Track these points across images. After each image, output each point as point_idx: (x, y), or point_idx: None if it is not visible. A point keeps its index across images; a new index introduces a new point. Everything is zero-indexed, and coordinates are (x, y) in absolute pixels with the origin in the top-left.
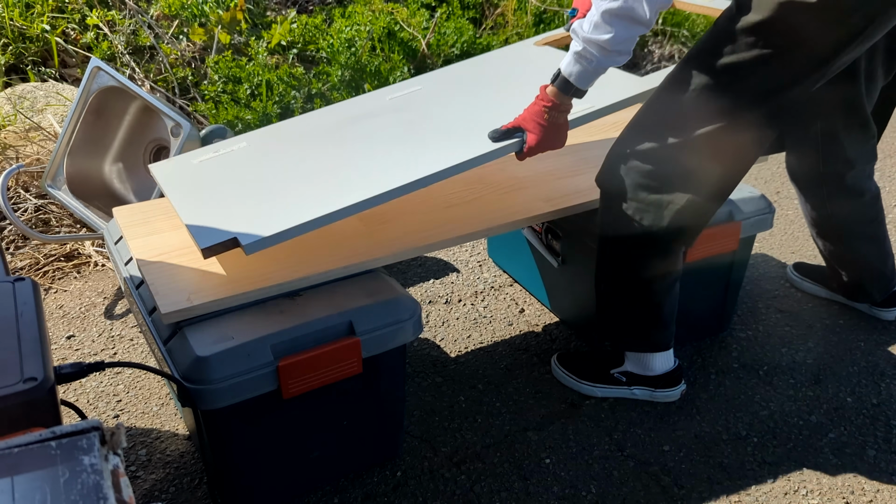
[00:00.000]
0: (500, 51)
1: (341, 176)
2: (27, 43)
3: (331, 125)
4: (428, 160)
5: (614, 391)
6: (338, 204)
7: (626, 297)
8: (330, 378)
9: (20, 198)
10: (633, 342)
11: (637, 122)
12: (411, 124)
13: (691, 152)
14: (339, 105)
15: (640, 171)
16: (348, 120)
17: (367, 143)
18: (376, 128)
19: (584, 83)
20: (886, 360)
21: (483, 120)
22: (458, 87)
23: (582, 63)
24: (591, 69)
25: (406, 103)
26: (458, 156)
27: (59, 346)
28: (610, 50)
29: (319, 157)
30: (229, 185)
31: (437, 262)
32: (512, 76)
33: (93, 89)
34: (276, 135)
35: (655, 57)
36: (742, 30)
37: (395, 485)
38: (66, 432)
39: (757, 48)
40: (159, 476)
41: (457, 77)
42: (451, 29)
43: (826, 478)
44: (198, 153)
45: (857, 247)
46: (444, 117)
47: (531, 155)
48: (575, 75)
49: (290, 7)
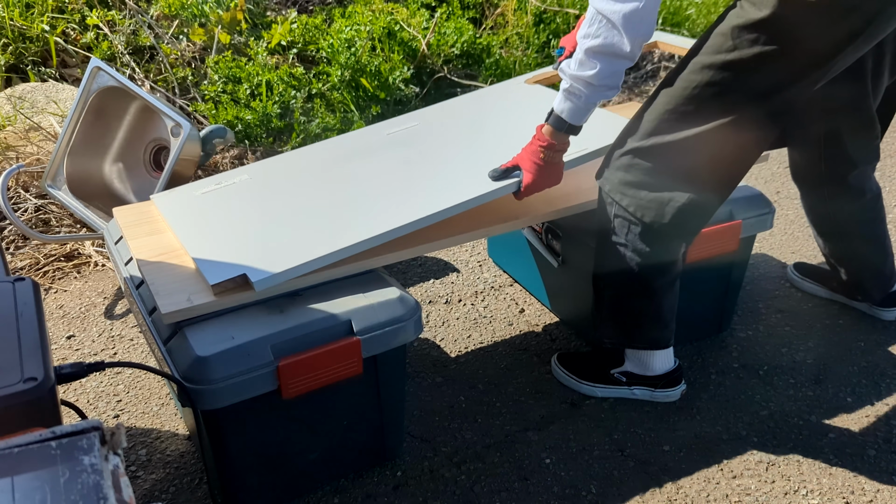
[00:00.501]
0: (493, 88)
1: (346, 213)
2: (27, 43)
3: (331, 160)
4: (430, 199)
5: (614, 391)
6: (345, 241)
7: (627, 295)
8: (330, 378)
9: (20, 198)
10: (632, 339)
11: (638, 119)
12: (410, 162)
13: (692, 149)
14: (337, 139)
15: (642, 168)
16: (348, 155)
17: (369, 180)
18: (376, 164)
19: (576, 119)
20: (886, 359)
21: (480, 158)
22: (454, 124)
23: (572, 100)
24: (582, 105)
25: (404, 139)
26: (461, 195)
27: (59, 346)
28: (597, 85)
29: (322, 193)
30: (234, 219)
31: (438, 262)
32: (506, 114)
33: (93, 89)
34: (277, 168)
35: (655, 57)
36: (744, 27)
37: (395, 485)
38: (66, 432)
39: (758, 45)
40: (159, 476)
41: (452, 113)
42: (451, 29)
43: (826, 478)
44: (199, 185)
45: (857, 246)
46: (443, 155)
47: (528, 194)
48: (567, 112)
49: (290, 7)
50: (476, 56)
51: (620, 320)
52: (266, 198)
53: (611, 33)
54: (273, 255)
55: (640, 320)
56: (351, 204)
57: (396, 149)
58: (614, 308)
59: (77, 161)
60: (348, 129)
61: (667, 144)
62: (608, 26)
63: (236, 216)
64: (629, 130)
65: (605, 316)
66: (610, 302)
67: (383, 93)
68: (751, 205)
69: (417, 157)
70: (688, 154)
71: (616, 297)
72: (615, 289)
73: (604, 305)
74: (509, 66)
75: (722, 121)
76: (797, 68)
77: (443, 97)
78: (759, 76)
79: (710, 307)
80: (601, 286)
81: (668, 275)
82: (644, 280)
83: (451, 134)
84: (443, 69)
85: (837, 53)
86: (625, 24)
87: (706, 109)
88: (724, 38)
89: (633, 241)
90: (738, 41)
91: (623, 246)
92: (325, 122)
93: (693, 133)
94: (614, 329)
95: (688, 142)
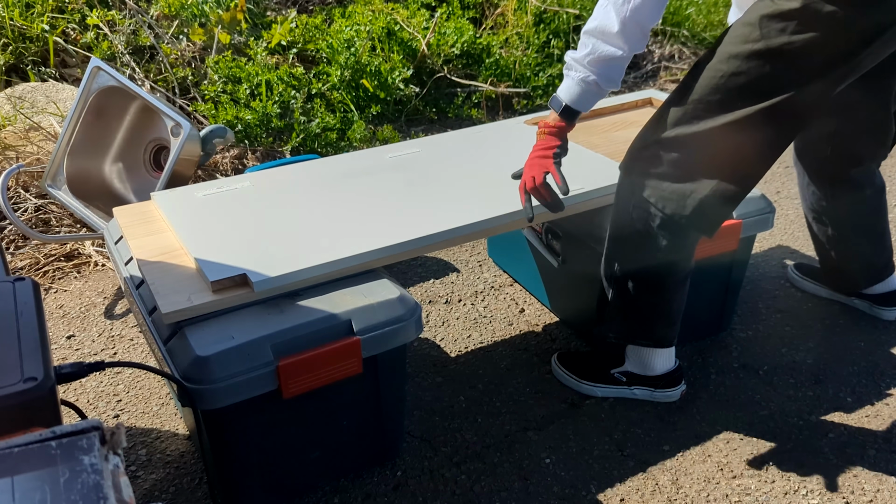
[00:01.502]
0: (493, 125)
1: (347, 225)
2: (27, 43)
3: (332, 176)
4: (431, 219)
5: (614, 391)
6: (345, 252)
7: (639, 290)
8: (330, 378)
9: (20, 198)
10: (638, 336)
11: (663, 111)
12: (413, 184)
13: (717, 141)
14: (338, 157)
15: (665, 159)
16: (349, 173)
17: (370, 197)
18: (377, 183)
19: (567, 96)
20: (886, 359)
21: (481, 185)
22: (456, 153)
23: (567, 74)
24: (573, 85)
25: (406, 163)
26: (461, 219)
27: (59, 345)
28: (585, 64)
29: (323, 206)
30: (234, 222)
31: (438, 262)
32: (506, 149)
33: (93, 89)
34: (278, 179)
35: (656, 57)
36: (773, 16)
37: (395, 485)
38: (66, 432)
39: (786, 35)
40: (159, 476)
41: (454, 143)
42: (452, 29)
43: (826, 477)
44: (201, 187)
45: (850, 235)
46: (444, 179)
47: (527, 178)
48: (562, 89)
49: (290, 7)
50: (476, 56)
51: (629, 316)
52: (267, 205)
53: (604, 13)
54: (273, 258)
55: (650, 317)
56: (352, 217)
57: (397, 171)
58: (624, 303)
59: (77, 161)
60: (348, 128)
61: (691, 135)
62: (604, 8)
63: (237, 219)
64: (654, 121)
65: (613, 311)
66: (620, 297)
67: (383, 93)
68: (751, 205)
69: (419, 179)
70: (712, 145)
71: (627, 292)
72: (627, 283)
73: (612, 300)
74: (509, 65)
75: (747, 111)
76: (824, 61)
77: (443, 97)
78: (787, 67)
79: (710, 307)
80: (612, 280)
81: (682, 272)
82: (658, 275)
83: (455, 162)
84: (443, 69)
85: (865, 48)
86: (615, 3)
87: (732, 100)
88: (751, 27)
89: (651, 234)
90: (766, 30)
91: (640, 239)
92: (325, 122)
93: (718, 124)
94: (621, 325)
95: (712, 133)
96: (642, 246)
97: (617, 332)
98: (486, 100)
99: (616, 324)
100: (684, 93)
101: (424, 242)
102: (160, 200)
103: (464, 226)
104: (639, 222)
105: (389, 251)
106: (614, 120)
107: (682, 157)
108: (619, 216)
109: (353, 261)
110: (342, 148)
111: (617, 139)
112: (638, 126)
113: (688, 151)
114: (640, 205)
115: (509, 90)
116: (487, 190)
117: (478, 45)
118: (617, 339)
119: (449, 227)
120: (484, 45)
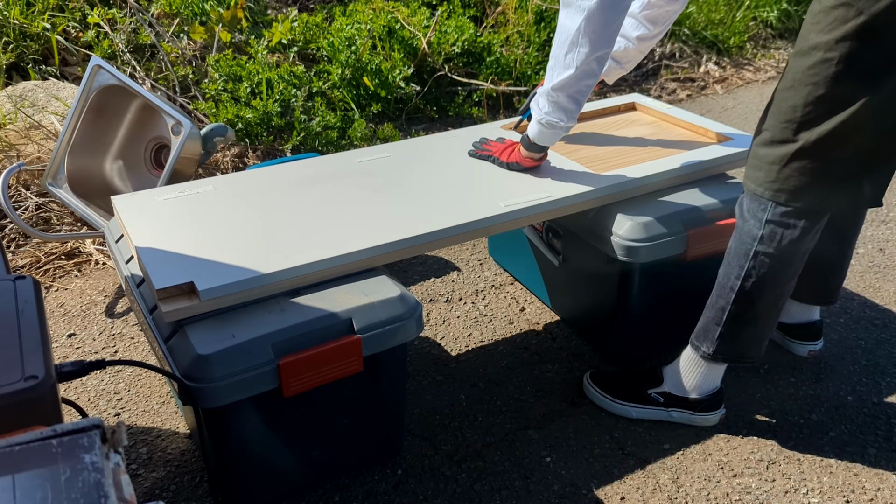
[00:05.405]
0: (470, 129)
1: (305, 232)
2: (28, 41)
3: (298, 181)
4: (396, 226)
5: (650, 412)
6: (298, 260)
7: (762, 307)
8: (331, 376)
9: (21, 196)
10: (743, 356)
11: (775, 122)
12: (377, 190)
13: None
14: (307, 161)
15: (800, 168)
16: (315, 178)
17: (334, 202)
18: (343, 188)
19: (553, 77)
20: (887, 358)
21: (449, 193)
22: (426, 159)
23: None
24: (559, 64)
25: (374, 169)
26: (428, 225)
27: (60, 344)
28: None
29: (284, 212)
30: (192, 228)
31: (438, 261)
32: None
33: (94, 87)
34: (243, 182)
35: (656, 56)
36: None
37: (395, 483)
38: (67, 430)
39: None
40: (160, 474)
41: (426, 149)
42: (452, 27)
43: (827, 476)
44: (163, 191)
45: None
46: (412, 186)
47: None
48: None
49: (290, 5)
50: (477, 54)
51: (744, 334)
52: (227, 211)
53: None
54: (224, 265)
55: (763, 333)
56: (311, 224)
57: (365, 177)
58: (742, 322)
59: (78, 159)
60: (349, 127)
61: (820, 139)
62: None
63: (194, 225)
64: (770, 136)
65: (727, 331)
66: (739, 316)
67: (384, 91)
68: None
69: (386, 185)
70: (840, 141)
71: (747, 311)
72: (751, 302)
73: (726, 320)
74: (510, 64)
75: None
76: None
77: (443, 95)
78: (866, 50)
79: None
80: (732, 301)
81: (789, 290)
82: (781, 289)
83: (424, 168)
84: (443, 67)
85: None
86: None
87: (837, 89)
88: (824, 14)
89: (782, 247)
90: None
91: (769, 256)
92: (325, 121)
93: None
94: (733, 344)
95: (838, 129)
96: (772, 264)
97: (725, 354)
98: (487, 98)
99: (728, 344)
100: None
101: (383, 250)
102: (119, 204)
103: (455, 225)
104: (770, 239)
105: (345, 259)
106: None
107: (815, 161)
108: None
109: (308, 268)
110: (343, 146)
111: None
112: (626, 129)
113: (818, 154)
114: (773, 219)
115: (510, 89)
116: (456, 198)
117: (478, 44)
118: (724, 360)
119: (412, 234)
120: (485, 43)
